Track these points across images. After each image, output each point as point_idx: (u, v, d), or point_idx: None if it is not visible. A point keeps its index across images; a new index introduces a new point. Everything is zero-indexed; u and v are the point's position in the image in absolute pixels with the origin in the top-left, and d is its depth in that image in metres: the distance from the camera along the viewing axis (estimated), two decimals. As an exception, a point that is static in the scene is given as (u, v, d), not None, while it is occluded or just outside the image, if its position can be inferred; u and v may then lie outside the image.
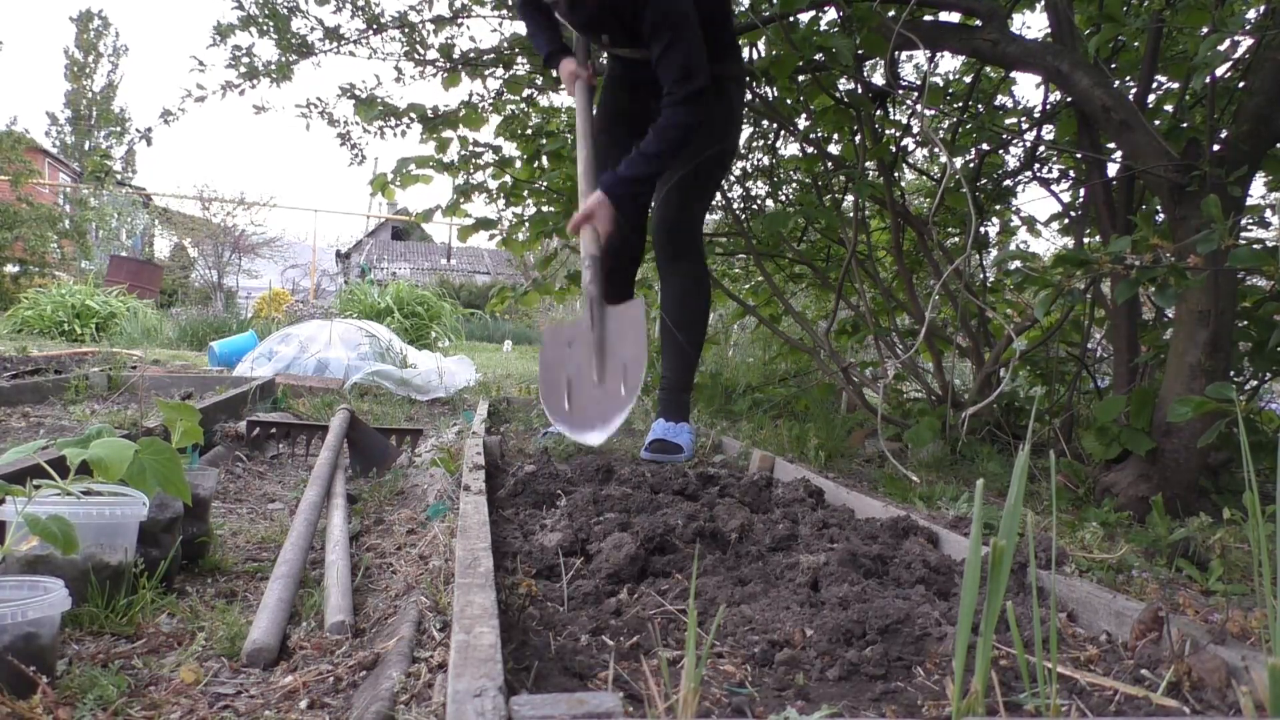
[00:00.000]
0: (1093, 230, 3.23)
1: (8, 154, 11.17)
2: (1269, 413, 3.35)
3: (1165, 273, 1.82)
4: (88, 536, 1.26)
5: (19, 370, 4.51)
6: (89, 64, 35.06)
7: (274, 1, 3.60)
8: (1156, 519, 1.91)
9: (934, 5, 2.97)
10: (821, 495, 2.21)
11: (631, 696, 1.05)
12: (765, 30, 3.10)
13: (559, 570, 1.51)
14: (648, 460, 2.61)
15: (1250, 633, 1.16)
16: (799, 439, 3.20)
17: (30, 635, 1.01)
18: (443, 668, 1.08)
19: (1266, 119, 2.27)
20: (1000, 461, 2.91)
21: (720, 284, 4.48)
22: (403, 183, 3.90)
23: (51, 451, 1.43)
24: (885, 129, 3.69)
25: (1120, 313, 2.68)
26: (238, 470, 2.58)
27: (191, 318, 9.31)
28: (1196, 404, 1.90)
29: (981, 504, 0.81)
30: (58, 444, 1.37)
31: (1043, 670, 0.91)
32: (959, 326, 3.46)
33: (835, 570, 1.47)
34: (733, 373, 5.43)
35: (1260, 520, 0.97)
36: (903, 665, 1.18)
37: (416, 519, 1.98)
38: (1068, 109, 3.15)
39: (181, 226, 16.14)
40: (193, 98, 3.64)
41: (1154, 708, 1.06)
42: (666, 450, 2.66)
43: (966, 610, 0.78)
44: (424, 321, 8.82)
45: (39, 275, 11.53)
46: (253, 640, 1.18)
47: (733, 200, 4.27)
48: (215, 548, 1.66)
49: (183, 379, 4.52)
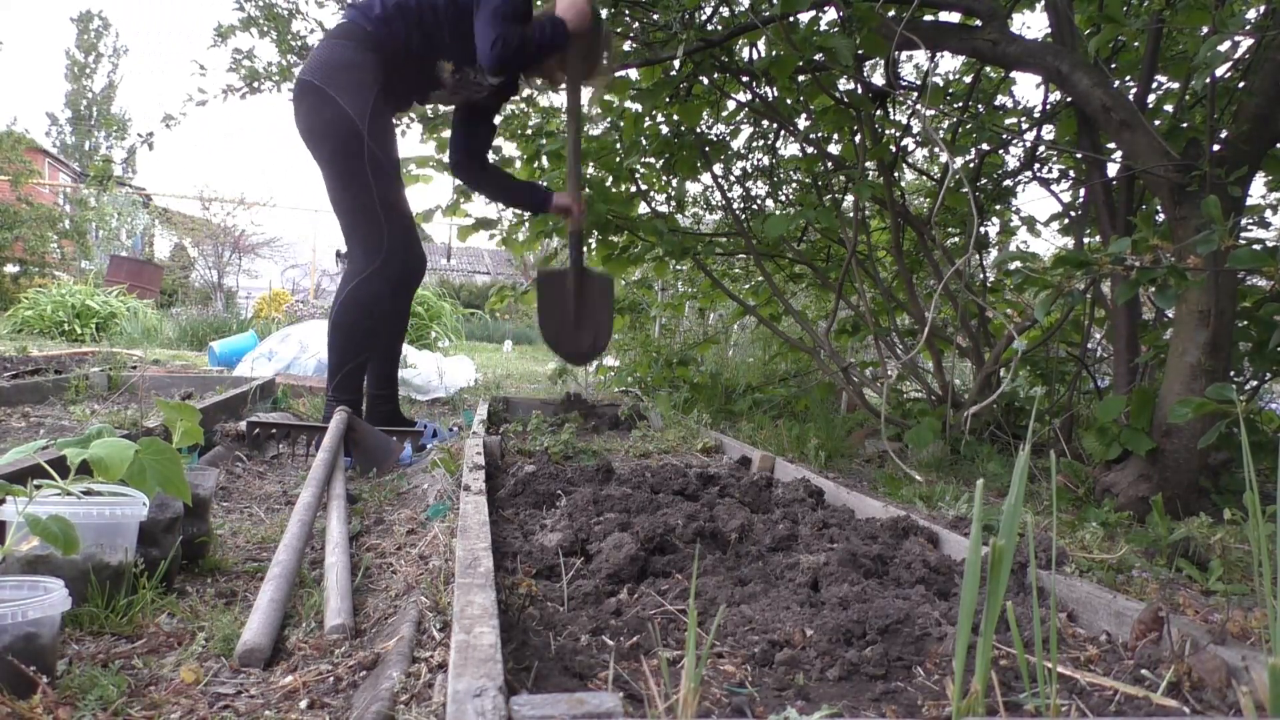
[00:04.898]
0: (1093, 230, 3.23)
1: (8, 154, 11.17)
2: (1269, 413, 3.35)
3: (1165, 274, 1.82)
4: (88, 536, 1.26)
5: (19, 370, 4.51)
6: (89, 64, 35.05)
7: (274, 3, 3.60)
8: (1156, 519, 1.91)
9: (934, 5, 2.97)
10: (821, 495, 2.21)
11: (631, 696, 1.05)
12: (765, 30, 3.10)
13: (559, 570, 1.51)
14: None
15: (1250, 633, 1.16)
16: (799, 439, 3.20)
17: (30, 635, 1.01)
18: (443, 668, 1.08)
19: (1266, 119, 2.27)
20: (1000, 461, 2.91)
21: (720, 284, 4.49)
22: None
23: (52, 451, 1.43)
24: (885, 129, 3.69)
25: (1120, 313, 2.68)
26: (238, 470, 2.58)
27: (191, 318, 9.31)
28: (1197, 405, 1.89)
29: (981, 504, 0.81)
30: (58, 444, 1.37)
31: (1043, 670, 0.91)
32: (959, 326, 3.46)
33: (835, 570, 1.47)
34: (733, 373, 5.43)
35: (1260, 520, 0.97)
36: (903, 665, 1.18)
37: (416, 519, 1.98)
38: (1068, 109, 3.15)
39: (181, 226, 16.14)
40: (194, 102, 3.64)
41: (1154, 708, 1.06)
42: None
43: (966, 610, 0.78)
44: (424, 321, 8.81)
45: (39, 275, 11.54)
46: (244, 641, 1.18)
47: (733, 200, 4.27)
48: (215, 548, 1.66)
49: (183, 379, 4.52)
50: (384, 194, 2.87)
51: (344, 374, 2.93)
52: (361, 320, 2.92)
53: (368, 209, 2.86)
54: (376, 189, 2.84)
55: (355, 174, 2.83)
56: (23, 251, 11.47)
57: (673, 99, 3.60)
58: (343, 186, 2.86)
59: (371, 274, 2.89)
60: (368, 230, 2.89)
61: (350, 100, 2.77)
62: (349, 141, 2.78)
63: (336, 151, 2.82)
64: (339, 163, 2.83)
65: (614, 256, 4.17)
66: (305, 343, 5.24)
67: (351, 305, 2.90)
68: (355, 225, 2.91)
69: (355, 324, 2.92)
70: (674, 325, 6.79)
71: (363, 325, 2.92)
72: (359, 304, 2.90)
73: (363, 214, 2.88)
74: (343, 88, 2.77)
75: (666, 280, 5.65)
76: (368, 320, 2.93)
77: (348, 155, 2.81)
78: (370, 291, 2.90)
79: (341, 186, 2.86)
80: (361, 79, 2.80)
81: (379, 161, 2.84)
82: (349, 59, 2.81)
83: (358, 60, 2.81)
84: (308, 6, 12.19)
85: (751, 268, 4.86)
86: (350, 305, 2.90)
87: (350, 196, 2.87)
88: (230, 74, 3.62)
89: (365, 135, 2.77)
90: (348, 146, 2.79)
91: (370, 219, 2.88)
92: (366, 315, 2.92)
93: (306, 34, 3.66)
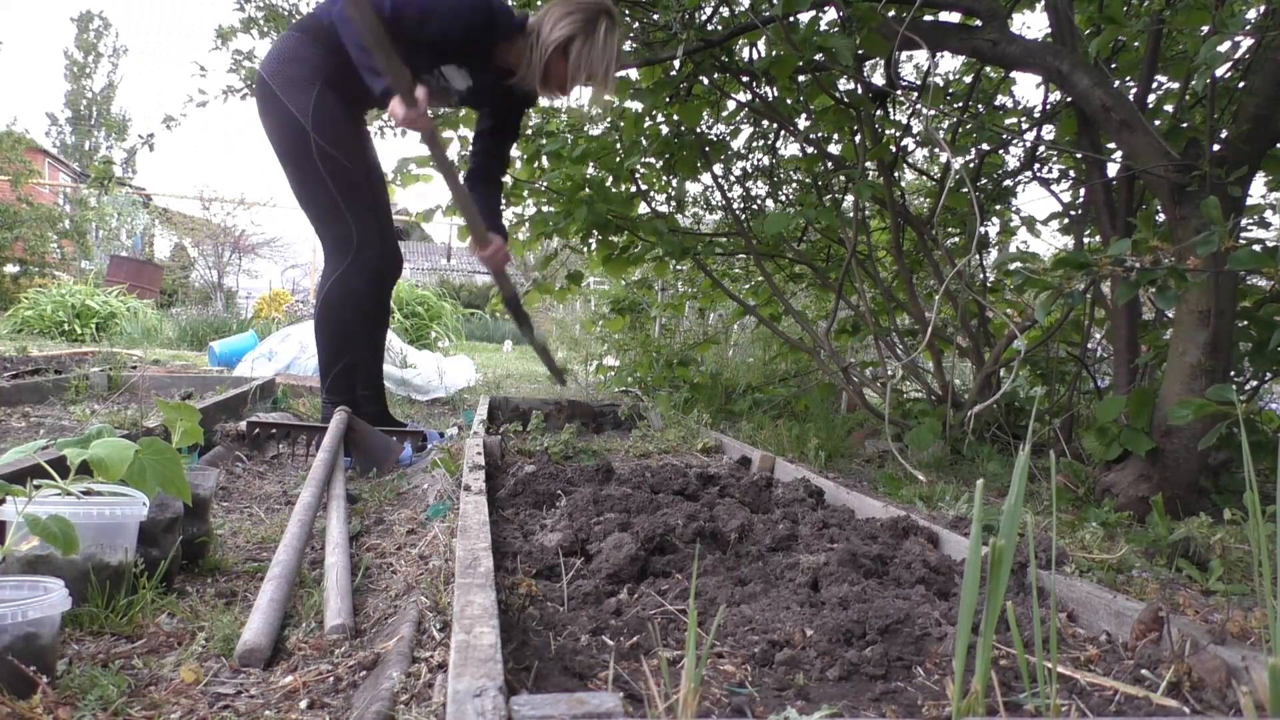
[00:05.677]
0: (1093, 230, 3.23)
1: (8, 154, 11.17)
2: (1269, 413, 3.34)
3: (1165, 275, 1.82)
4: (88, 536, 1.26)
5: (19, 370, 4.51)
6: (89, 64, 35.06)
7: (275, 4, 3.60)
8: (1156, 519, 1.91)
9: (934, 5, 2.97)
10: (821, 495, 2.21)
11: (631, 696, 1.05)
12: (765, 30, 3.10)
13: (559, 570, 1.52)
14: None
15: (1250, 633, 1.16)
16: (799, 439, 3.20)
17: (30, 635, 1.01)
18: (443, 668, 1.08)
19: (1266, 119, 2.27)
20: (1000, 461, 2.91)
21: (720, 284, 4.49)
22: (403, 182, 3.90)
23: (51, 451, 1.43)
24: (885, 129, 3.69)
25: (1120, 313, 2.68)
26: (238, 470, 2.58)
27: (191, 318, 9.31)
28: (1197, 407, 1.89)
29: (981, 504, 0.81)
30: (58, 444, 1.37)
31: (1043, 670, 0.91)
32: (959, 327, 3.46)
33: (835, 570, 1.47)
34: (733, 373, 5.43)
35: (1260, 520, 0.97)
36: (903, 665, 1.18)
37: (417, 519, 1.98)
38: (1068, 109, 3.15)
39: (181, 226, 16.12)
40: (194, 102, 3.65)
41: (1154, 708, 1.06)
42: None
43: (966, 610, 0.78)
44: (424, 321, 8.81)
45: (39, 275, 11.53)
46: (244, 641, 1.18)
47: (733, 200, 4.27)
48: (215, 548, 1.66)
49: (183, 379, 4.52)
50: (344, 189, 2.81)
51: (335, 374, 2.92)
52: (341, 318, 2.91)
53: (329, 206, 2.82)
54: (333, 184, 2.78)
55: (308, 171, 2.77)
56: (23, 251, 11.47)
57: (673, 99, 3.60)
58: (300, 184, 2.82)
59: (345, 271, 2.87)
60: (335, 227, 2.86)
61: (292, 95, 2.70)
62: (296, 138, 2.72)
63: (286, 149, 2.77)
64: (291, 160, 2.78)
65: (614, 256, 4.17)
66: (305, 343, 5.24)
67: (329, 304, 2.90)
68: (321, 222, 2.88)
69: (336, 322, 2.91)
70: (674, 325, 6.79)
71: (343, 323, 2.91)
72: (337, 302, 2.89)
73: (325, 211, 2.84)
74: (286, 81, 2.71)
75: (666, 280, 5.65)
76: (348, 317, 2.92)
77: (297, 152, 2.75)
78: (346, 289, 2.89)
79: (299, 184, 2.82)
80: (302, 73, 2.72)
81: (331, 157, 2.76)
82: (294, 52, 2.75)
83: (302, 54, 2.74)
84: (308, 7, 12.26)
85: (751, 268, 4.86)
86: (328, 304, 2.90)
87: (309, 194, 2.83)
88: (231, 75, 3.63)
89: (310, 130, 2.71)
90: (296, 143, 2.74)
91: (334, 216, 2.84)
92: (346, 312, 2.91)
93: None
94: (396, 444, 2.80)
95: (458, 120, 3.91)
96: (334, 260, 2.90)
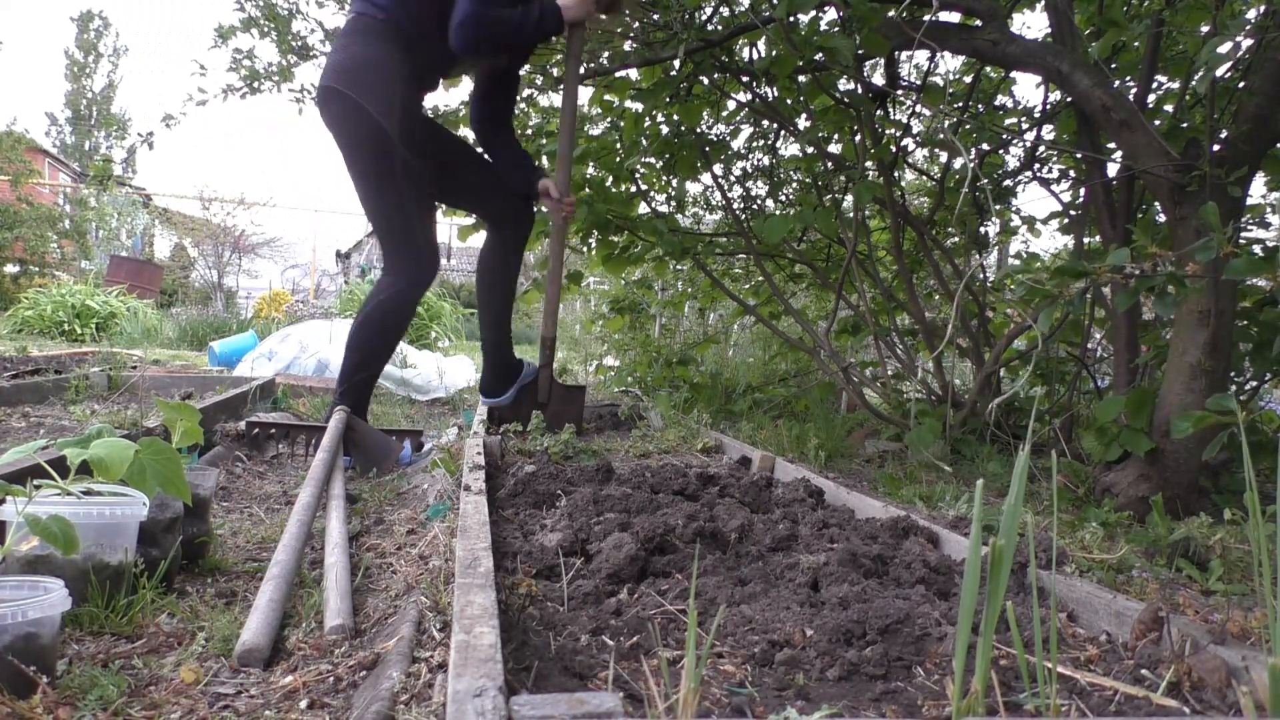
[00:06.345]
0: (1093, 230, 3.23)
1: (8, 154, 11.17)
2: (1269, 413, 3.34)
3: (1165, 280, 1.81)
4: (88, 536, 1.26)
5: (19, 370, 4.51)
6: (89, 64, 35.04)
7: (275, 3, 3.60)
8: (1156, 519, 1.91)
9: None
10: (821, 495, 2.21)
11: (631, 696, 1.05)
12: (765, 30, 3.10)
13: (559, 570, 1.51)
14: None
15: (1250, 633, 1.16)
16: (799, 439, 3.20)
17: (30, 635, 1.01)
18: (443, 668, 1.08)
19: (1266, 119, 2.27)
20: (1000, 461, 2.91)
21: (720, 284, 4.49)
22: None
23: (52, 451, 1.43)
24: (885, 129, 3.69)
25: (1120, 314, 2.68)
26: (238, 470, 2.58)
27: (191, 318, 9.31)
28: (1197, 419, 1.88)
29: (981, 504, 0.81)
30: (58, 444, 1.37)
31: (1043, 670, 0.91)
32: (959, 327, 3.46)
33: (835, 570, 1.47)
34: (733, 373, 5.43)
35: (1260, 520, 0.97)
36: (903, 665, 1.18)
37: (417, 519, 1.98)
38: (1068, 109, 3.15)
39: (181, 226, 16.12)
40: (194, 101, 3.64)
41: (1154, 708, 1.06)
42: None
43: (966, 610, 0.78)
44: (424, 321, 8.81)
45: (39, 275, 11.54)
46: (243, 641, 1.18)
47: (733, 200, 4.27)
48: (215, 548, 1.66)
49: (183, 379, 4.52)
50: (418, 203, 2.79)
51: (356, 381, 2.85)
52: (385, 330, 2.85)
53: (403, 216, 2.77)
54: (411, 195, 2.75)
55: (386, 180, 2.72)
56: (23, 251, 11.47)
57: (673, 99, 3.60)
58: (376, 194, 2.75)
59: (408, 290, 2.83)
60: (405, 238, 2.81)
61: (375, 102, 2.62)
62: (379, 148, 2.66)
63: (366, 159, 2.70)
64: (370, 170, 2.71)
65: (614, 256, 4.17)
66: (305, 343, 5.24)
67: (384, 314, 2.83)
68: (391, 232, 2.82)
69: (381, 333, 2.85)
70: (674, 325, 6.80)
71: (385, 336, 2.87)
72: (392, 315, 2.84)
73: (398, 221, 2.78)
74: (368, 89, 2.63)
75: (666, 280, 5.65)
76: (390, 334, 2.87)
77: (379, 161, 2.69)
78: (405, 307, 2.86)
79: (375, 194, 2.75)
80: (384, 76, 2.66)
81: (411, 165, 2.75)
82: (369, 57, 2.67)
83: (377, 56, 2.67)
84: (308, 6, 12.14)
85: (751, 268, 4.86)
86: (383, 314, 2.83)
87: (384, 204, 2.76)
88: (230, 74, 3.62)
89: (394, 140, 2.66)
90: (378, 153, 2.67)
91: (406, 226, 2.79)
92: (391, 328, 2.86)
93: (307, 34, 3.66)
94: (396, 444, 2.80)
95: (457, 120, 3.92)
96: (400, 274, 2.82)
